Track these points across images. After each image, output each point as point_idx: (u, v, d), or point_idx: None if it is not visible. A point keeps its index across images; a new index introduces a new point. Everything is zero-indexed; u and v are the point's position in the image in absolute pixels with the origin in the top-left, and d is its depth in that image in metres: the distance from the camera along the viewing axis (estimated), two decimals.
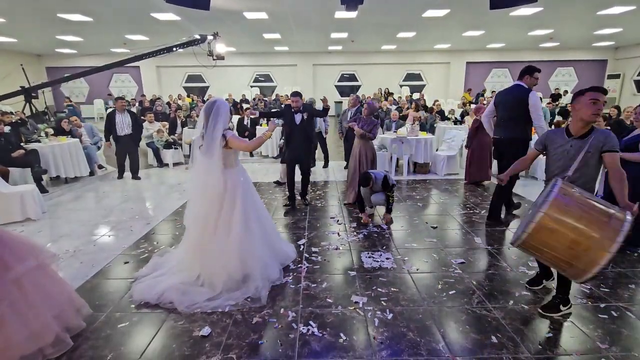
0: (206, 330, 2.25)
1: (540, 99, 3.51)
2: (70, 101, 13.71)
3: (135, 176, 6.50)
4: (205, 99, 14.99)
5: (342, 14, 8.81)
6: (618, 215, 1.88)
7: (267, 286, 2.72)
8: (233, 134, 2.64)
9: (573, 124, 2.25)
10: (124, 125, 6.20)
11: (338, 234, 3.89)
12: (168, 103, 12.51)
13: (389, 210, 4.21)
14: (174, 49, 9.18)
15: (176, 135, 8.37)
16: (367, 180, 4.15)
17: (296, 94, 4.70)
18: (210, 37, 9.11)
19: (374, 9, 8.13)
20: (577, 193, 2.00)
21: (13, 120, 6.73)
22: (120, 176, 6.52)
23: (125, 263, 3.25)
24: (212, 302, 2.52)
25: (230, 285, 2.64)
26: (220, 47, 9.23)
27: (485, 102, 11.26)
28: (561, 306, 2.38)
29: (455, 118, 9.01)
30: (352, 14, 8.33)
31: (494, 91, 15.40)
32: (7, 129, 5.78)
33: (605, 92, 2.18)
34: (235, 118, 9.56)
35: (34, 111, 10.44)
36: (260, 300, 2.57)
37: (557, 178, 2.12)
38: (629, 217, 1.85)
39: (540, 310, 2.41)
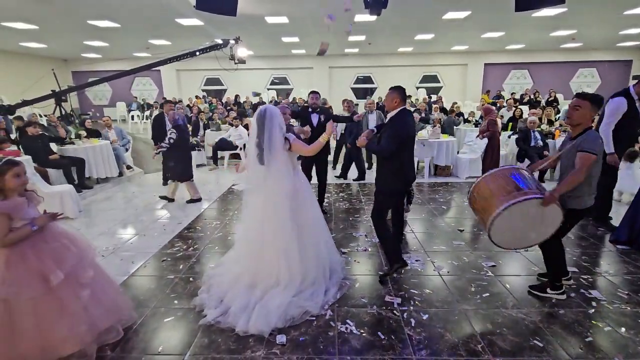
0: None
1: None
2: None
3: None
4: (223, 100, 15.26)
5: (361, 16, 8.86)
6: (527, 191, 2.31)
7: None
8: (295, 137, 2.71)
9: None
10: None
11: (365, 235, 3.94)
12: (188, 106, 12.81)
13: (410, 202, 4.41)
14: (197, 53, 9.41)
15: (199, 137, 8.57)
16: None
17: (315, 92, 4.57)
18: (232, 42, 9.30)
19: (394, 11, 8.14)
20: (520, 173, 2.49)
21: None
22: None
23: (163, 261, 3.38)
24: (327, 296, 2.66)
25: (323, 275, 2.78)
26: (241, 51, 9.41)
27: (505, 104, 11.11)
28: (548, 289, 2.64)
29: (476, 120, 8.94)
30: (372, 17, 8.36)
31: (513, 93, 15.17)
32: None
33: (582, 96, 2.39)
34: None
35: (63, 114, 10.85)
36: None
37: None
38: (535, 196, 2.27)
39: (529, 289, 2.74)
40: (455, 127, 8.67)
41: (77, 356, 2.00)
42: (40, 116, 11.16)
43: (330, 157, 7.29)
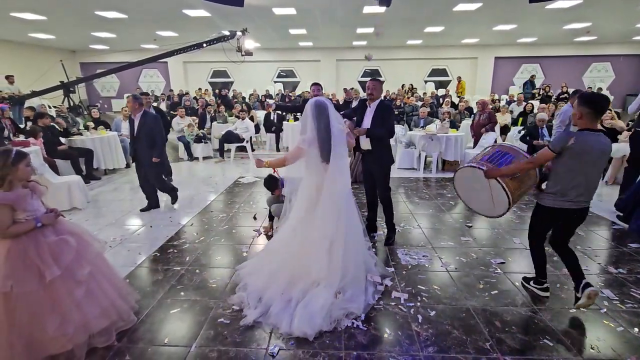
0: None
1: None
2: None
3: (168, 178, 6.40)
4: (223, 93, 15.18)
5: (370, 8, 8.71)
6: (483, 162, 2.60)
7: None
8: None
9: None
10: None
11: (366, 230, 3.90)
12: (195, 98, 12.80)
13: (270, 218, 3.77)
14: (204, 45, 9.37)
15: (205, 129, 8.57)
16: (272, 182, 3.77)
17: (316, 84, 4.42)
18: (239, 33, 9.24)
19: (404, 2, 8.00)
20: None
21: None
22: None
23: (169, 252, 3.39)
24: (367, 295, 2.56)
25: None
26: (248, 43, 9.36)
27: (515, 98, 10.91)
28: (532, 282, 2.69)
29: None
30: (381, 9, 8.22)
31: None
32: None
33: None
34: (262, 113, 9.69)
35: (71, 105, 10.92)
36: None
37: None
38: (480, 167, 2.53)
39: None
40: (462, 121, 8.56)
41: (66, 356, 1.93)
42: (49, 107, 11.24)
43: None
